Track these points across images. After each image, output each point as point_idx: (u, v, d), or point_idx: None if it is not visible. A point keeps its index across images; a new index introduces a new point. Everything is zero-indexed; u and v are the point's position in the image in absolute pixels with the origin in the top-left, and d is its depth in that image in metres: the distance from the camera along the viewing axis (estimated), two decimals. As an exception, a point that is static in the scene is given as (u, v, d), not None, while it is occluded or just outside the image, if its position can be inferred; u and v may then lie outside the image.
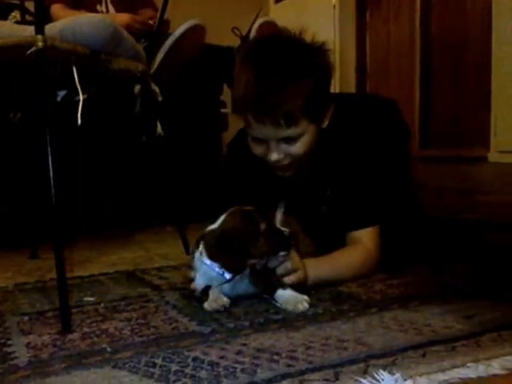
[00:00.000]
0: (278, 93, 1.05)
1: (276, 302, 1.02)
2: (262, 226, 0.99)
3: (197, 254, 1.03)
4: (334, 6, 3.59)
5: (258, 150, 1.16)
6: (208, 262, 1.01)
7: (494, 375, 0.70)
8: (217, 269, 1.00)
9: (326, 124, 1.19)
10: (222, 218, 1.03)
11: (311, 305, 1.01)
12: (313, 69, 1.11)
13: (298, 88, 1.07)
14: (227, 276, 1.00)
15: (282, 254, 1.01)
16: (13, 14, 2.54)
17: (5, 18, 2.49)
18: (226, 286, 1.03)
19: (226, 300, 1.01)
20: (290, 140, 1.12)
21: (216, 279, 1.02)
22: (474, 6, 2.79)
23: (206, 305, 1.01)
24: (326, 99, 1.16)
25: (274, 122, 1.07)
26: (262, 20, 1.90)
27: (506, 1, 2.47)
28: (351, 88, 3.54)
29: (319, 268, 1.15)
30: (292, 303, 0.99)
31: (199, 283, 1.04)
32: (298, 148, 1.13)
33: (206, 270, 1.02)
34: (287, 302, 1.00)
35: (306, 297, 1.02)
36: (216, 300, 1.00)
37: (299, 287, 1.05)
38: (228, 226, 1.00)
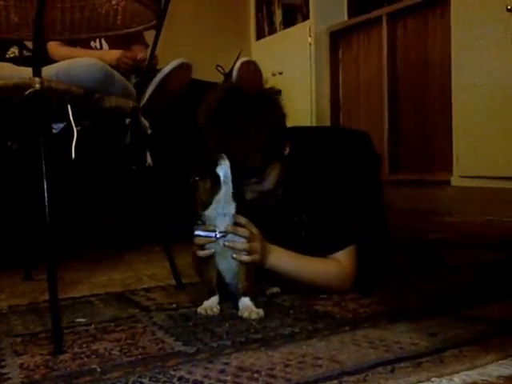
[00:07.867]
0: (237, 154, 1.09)
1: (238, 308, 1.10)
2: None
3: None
4: (310, 44, 3.69)
5: None
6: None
7: (456, 390, 0.71)
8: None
9: (286, 151, 1.22)
10: None
11: (289, 324, 1.01)
12: (266, 123, 1.14)
13: (253, 144, 1.12)
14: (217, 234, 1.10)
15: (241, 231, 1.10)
16: (12, 49, 2.55)
17: (4, 52, 2.50)
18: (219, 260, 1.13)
19: (215, 310, 1.10)
20: (258, 181, 1.18)
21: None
22: (434, 46, 2.89)
23: (199, 309, 1.11)
24: (281, 139, 1.19)
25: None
26: (243, 60, 1.94)
27: (463, 41, 2.57)
28: (326, 117, 3.61)
29: (282, 257, 1.16)
30: (248, 311, 1.06)
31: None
32: (268, 185, 1.19)
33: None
34: (244, 310, 1.08)
35: (261, 310, 1.08)
36: (206, 309, 1.10)
37: (253, 267, 1.11)
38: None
